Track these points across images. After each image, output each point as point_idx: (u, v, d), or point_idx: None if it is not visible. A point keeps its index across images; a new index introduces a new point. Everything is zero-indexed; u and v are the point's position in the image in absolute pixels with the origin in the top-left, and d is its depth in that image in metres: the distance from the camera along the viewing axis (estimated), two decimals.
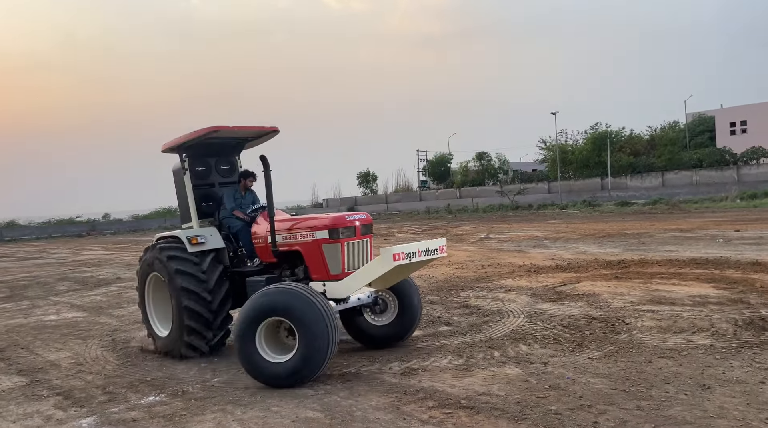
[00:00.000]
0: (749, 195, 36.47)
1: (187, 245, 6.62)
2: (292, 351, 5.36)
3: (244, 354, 5.44)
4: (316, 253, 6.09)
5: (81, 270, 18.49)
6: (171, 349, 6.77)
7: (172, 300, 6.58)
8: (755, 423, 3.96)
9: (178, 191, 7.32)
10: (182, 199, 7.24)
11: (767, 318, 6.62)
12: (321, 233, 6.06)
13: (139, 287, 7.27)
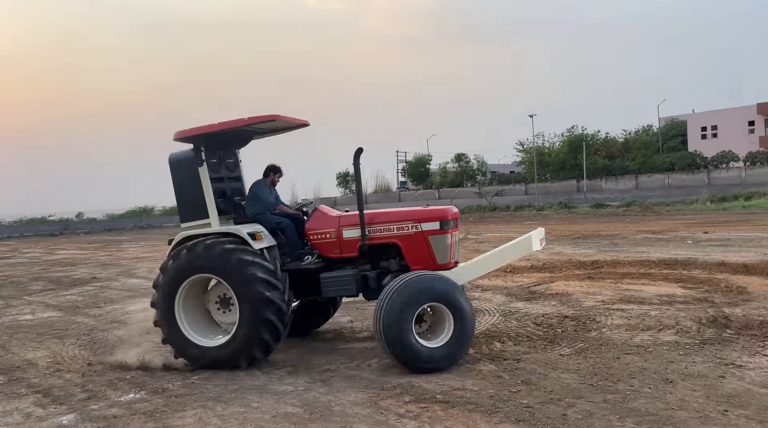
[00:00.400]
0: (719, 198, 37.45)
1: (251, 241, 6.13)
2: (447, 337, 5.57)
3: (401, 341, 5.43)
4: (420, 244, 6.30)
5: (55, 270, 18.26)
6: (228, 359, 6.02)
7: (242, 301, 5.96)
8: (713, 415, 4.19)
9: (179, 185, 6.57)
10: (186, 194, 6.53)
11: (729, 317, 6.91)
12: (429, 225, 6.31)
13: (165, 297, 6.19)
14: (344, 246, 6.45)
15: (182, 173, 6.51)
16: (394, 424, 4.38)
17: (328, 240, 6.50)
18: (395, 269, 6.42)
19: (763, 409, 4.23)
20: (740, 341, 5.96)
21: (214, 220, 6.37)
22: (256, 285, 5.87)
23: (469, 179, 60.14)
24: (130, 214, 56.23)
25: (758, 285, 8.91)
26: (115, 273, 16.39)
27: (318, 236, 6.56)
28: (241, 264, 5.90)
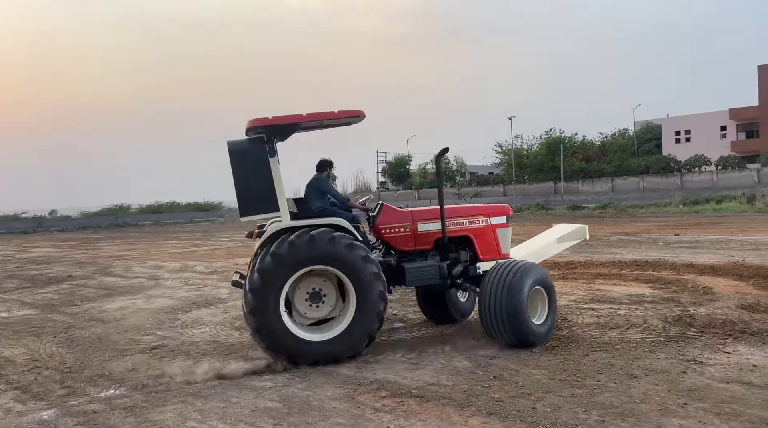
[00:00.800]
0: (691, 201, 38.34)
1: (357, 233, 6.28)
2: (543, 316, 6.30)
3: (519, 320, 5.99)
4: (489, 237, 6.99)
5: (29, 268, 18.04)
6: (335, 353, 5.96)
7: (360, 295, 5.98)
8: (673, 408, 4.42)
9: (240, 176, 6.20)
10: (250, 185, 6.19)
11: (694, 316, 7.18)
12: (498, 219, 7.12)
13: (271, 289, 5.85)
14: (419, 239, 6.83)
15: (245, 163, 6.16)
16: (371, 418, 4.52)
17: (403, 234, 6.81)
18: (465, 260, 6.95)
19: (720, 402, 4.47)
20: (703, 338, 6.23)
21: (284, 214, 6.19)
22: (374, 281, 6.02)
23: (448, 180, 60.55)
24: (105, 211, 55.55)
25: (723, 285, 9.25)
26: (91, 271, 16.27)
27: (391, 230, 6.81)
28: (363, 260, 5.99)
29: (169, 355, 6.76)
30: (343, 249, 5.95)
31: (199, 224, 48.48)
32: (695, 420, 4.17)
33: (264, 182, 6.12)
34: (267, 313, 5.82)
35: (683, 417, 4.22)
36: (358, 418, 4.53)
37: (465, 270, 6.93)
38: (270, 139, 6.17)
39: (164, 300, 10.70)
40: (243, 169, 6.16)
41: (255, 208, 6.20)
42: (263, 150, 6.13)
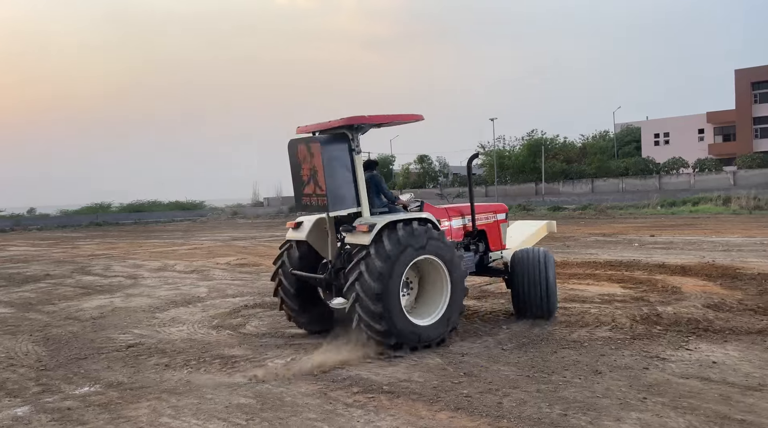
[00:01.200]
0: (669, 202, 38.97)
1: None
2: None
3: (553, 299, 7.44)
4: (496, 230, 8.05)
5: (6, 267, 17.84)
6: (433, 337, 6.35)
7: (454, 284, 6.48)
8: (633, 402, 4.59)
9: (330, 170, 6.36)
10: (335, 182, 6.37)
11: (661, 314, 7.40)
12: (501, 215, 8.22)
13: (394, 277, 6.12)
14: (453, 233, 7.54)
15: (334, 160, 6.36)
16: (342, 413, 4.63)
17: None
18: (482, 250, 7.89)
19: (678, 397, 4.65)
20: (667, 336, 6.43)
21: (365, 209, 6.48)
22: (462, 272, 6.69)
23: (431, 180, 60.84)
24: (85, 210, 54.90)
25: (692, 285, 9.50)
26: (70, 270, 16.14)
27: None
28: (456, 254, 6.67)
29: (146, 353, 6.80)
30: (447, 244, 6.58)
31: (180, 223, 48.09)
32: (653, 413, 4.34)
33: (349, 179, 6.41)
34: (391, 300, 6.07)
35: (641, 411, 4.39)
36: (330, 413, 4.64)
37: (481, 259, 7.89)
38: (355, 136, 6.45)
39: (142, 299, 10.70)
40: (333, 166, 6.33)
41: (343, 203, 6.41)
42: (348, 147, 6.41)
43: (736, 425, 4.10)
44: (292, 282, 7.17)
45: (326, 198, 6.31)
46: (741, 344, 6.05)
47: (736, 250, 14.06)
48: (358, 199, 6.45)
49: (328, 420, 4.49)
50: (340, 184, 6.37)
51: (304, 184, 6.62)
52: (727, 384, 4.90)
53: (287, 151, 6.81)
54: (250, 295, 10.51)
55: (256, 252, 19.21)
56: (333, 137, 6.46)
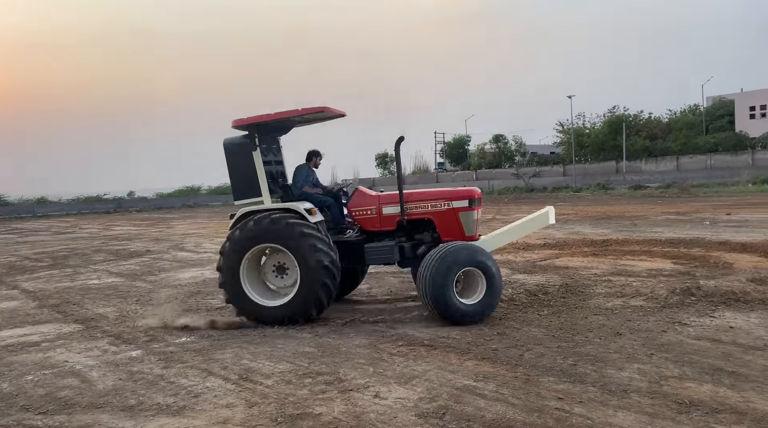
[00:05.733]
0: (762, 179, 36.81)
1: (308, 216, 7.14)
2: (480, 295, 6.61)
3: (444, 300, 6.44)
4: (451, 220, 7.43)
5: (113, 244, 20.10)
6: (287, 316, 7.01)
7: (303, 267, 6.91)
8: (639, 356, 5.19)
9: (233, 166, 7.44)
10: (240, 175, 7.40)
11: (702, 288, 7.74)
12: (459, 202, 7.46)
13: (232, 264, 7.12)
14: (384, 221, 7.56)
15: (236, 156, 7.38)
16: (386, 359, 5.54)
17: (369, 216, 7.61)
18: (428, 241, 7.56)
19: (683, 353, 5.20)
20: (697, 306, 6.85)
21: (266, 198, 7.30)
22: (316, 254, 6.87)
23: (507, 160, 60.32)
24: (178, 193, 58.85)
25: (746, 261, 9.63)
26: (166, 246, 18.05)
27: (360, 212, 7.66)
28: (303, 236, 6.89)
29: (231, 314, 8.00)
30: (283, 228, 6.95)
31: None
32: (653, 365, 4.94)
33: (251, 173, 7.33)
34: (232, 282, 7.17)
35: (644, 363, 5.00)
36: (376, 359, 5.56)
37: (428, 250, 7.23)
38: (252, 135, 7.27)
39: None
40: (235, 162, 7.42)
41: (246, 193, 7.46)
42: (249, 144, 7.29)
43: (725, 376, 4.63)
44: None
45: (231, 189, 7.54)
46: (766, 313, 6.39)
47: None
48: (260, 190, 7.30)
49: (374, 365, 5.41)
50: (242, 177, 7.37)
51: None
52: (734, 345, 5.37)
53: None
54: None
55: None
56: (237, 137, 7.44)
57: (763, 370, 4.73)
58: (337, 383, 4.99)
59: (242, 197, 7.49)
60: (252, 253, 7.20)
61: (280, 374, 5.32)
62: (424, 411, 4.30)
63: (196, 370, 5.57)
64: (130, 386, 5.24)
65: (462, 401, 4.45)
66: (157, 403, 4.78)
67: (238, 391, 4.95)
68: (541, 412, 4.17)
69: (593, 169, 51.52)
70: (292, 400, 4.67)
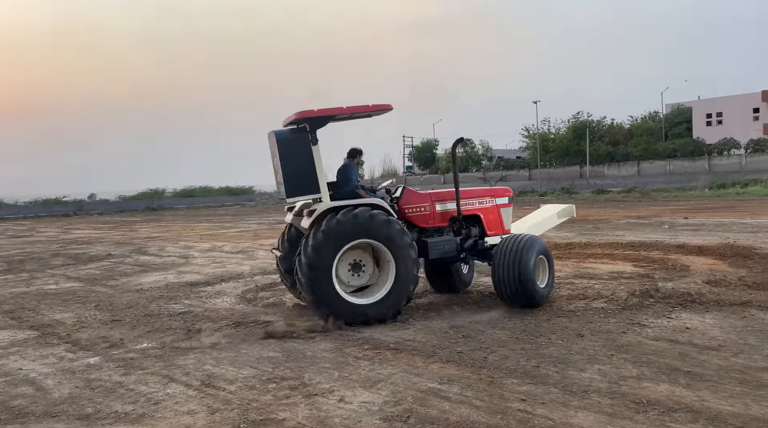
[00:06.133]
0: (717, 184, 38.10)
1: (392, 211, 7.25)
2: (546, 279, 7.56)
3: (531, 285, 7.11)
4: (495, 215, 8.14)
5: (72, 248, 19.54)
6: (380, 313, 6.91)
7: (399, 263, 6.91)
8: (600, 357, 5.29)
9: (288, 161, 7.00)
10: (295, 170, 7.00)
11: (660, 289, 7.94)
12: (501, 199, 8.29)
13: (325, 261, 6.75)
14: (437, 218, 7.84)
15: (292, 151, 6.96)
16: (351, 363, 5.52)
17: (423, 213, 7.79)
18: (475, 235, 8.00)
19: (642, 354, 5.32)
20: (655, 307, 7.03)
21: (325, 195, 7.03)
22: (409, 250, 7.00)
23: (474, 164, 61.00)
24: (141, 195, 57.63)
25: (702, 264, 9.94)
26: (128, 250, 17.64)
27: (413, 210, 7.79)
28: (401, 233, 6.99)
29: (194, 319, 7.86)
30: (381, 224, 6.88)
31: (230, 208, 50.15)
32: (613, 365, 5.05)
33: (308, 167, 6.99)
34: (323, 280, 6.73)
35: (604, 364, 5.10)
36: (341, 364, 5.53)
37: (475, 244, 7.98)
38: (313, 129, 7.02)
39: (192, 276, 11.88)
40: (289, 156, 6.97)
41: (300, 190, 7.03)
42: (307, 138, 6.99)
43: (681, 375, 4.76)
44: (284, 262, 7.99)
45: (283, 185, 7.03)
46: (720, 314, 6.61)
47: (764, 232, 14.20)
48: (319, 186, 6.99)
49: (339, 369, 5.38)
50: (295, 173, 6.97)
51: (275, 172, 7.43)
52: (690, 345, 5.53)
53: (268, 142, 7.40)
54: None
55: None
56: (291, 130, 7.12)
57: (717, 370, 4.88)
58: (302, 388, 4.95)
59: (297, 194, 7.08)
60: (345, 250, 6.92)
61: (244, 379, 5.25)
62: (388, 415, 4.30)
63: (156, 377, 5.46)
64: (87, 394, 5.10)
65: (427, 404, 4.46)
66: (115, 411, 4.66)
67: (200, 397, 4.87)
68: (504, 414, 4.21)
69: (558, 173, 52.55)
70: (255, 406, 4.61)
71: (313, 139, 7.00)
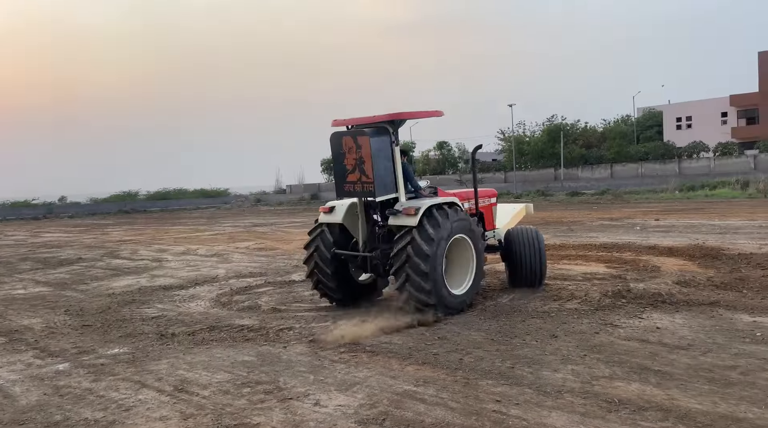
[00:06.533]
0: (687, 187, 38.91)
1: None
2: None
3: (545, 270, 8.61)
4: (490, 212, 9.13)
5: (42, 251, 19.12)
6: (467, 303, 7.46)
7: (478, 258, 7.59)
8: (573, 358, 5.36)
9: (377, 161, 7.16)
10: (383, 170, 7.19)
11: (632, 290, 8.07)
12: (494, 199, 9.35)
13: (440, 253, 7.07)
14: None
15: (381, 151, 7.19)
16: (327, 367, 5.50)
17: None
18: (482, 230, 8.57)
19: (614, 354, 5.40)
20: (627, 308, 7.14)
21: (402, 194, 7.42)
22: (483, 246, 7.83)
23: (450, 166, 61.30)
24: (113, 198, 56.67)
25: (671, 265, 10.13)
26: (100, 254, 17.32)
27: None
28: (478, 230, 7.77)
29: (167, 324, 7.75)
30: (471, 221, 7.68)
31: (205, 210, 49.60)
32: (586, 365, 5.11)
33: (390, 168, 7.28)
34: (437, 274, 7.01)
35: (577, 364, 5.16)
36: (317, 367, 5.50)
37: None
38: (395, 130, 7.31)
39: (166, 279, 11.71)
40: (379, 157, 7.16)
41: (386, 189, 7.31)
42: (391, 139, 7.28)
43: (652, 375, 4.85)
44: (329, 263, 7.85)
45: (373, 185, 7.14)
46: (690, 314, 6.75)
47: (731, 233, 14.53)
48: (396, 185, 7.36)
49: (314, 372, 5.36)
50: (384, 173, 7.22)
51: (348, 172, 7.38)
52: (660, 345, 5.64)
53: (330, 143, 7.53)
54: (262, 276, 11.43)
55: (275, 237, 20.20)
56: (378, 130, 7.28)
57: (686, 369, 4.97)
58: (277, 392, 4.91)
59: (384, 193, 7.32)
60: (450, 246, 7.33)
61: (218, 384, 5.19)
62: (364, 418, 4.29)
63: (128, 382, 5.36)
64: (55, 401, 4.98)
65: (402, 406, 4.46)
66: (85, 418, 4.56)
67: (172, 403, 4.79)
68: (479, 415, 4.23)
69: (533, 175, 53.11)
70: (229, 410, 4.56)
71: (396, 140, 7.31)
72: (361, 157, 7.16)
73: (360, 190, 7.32)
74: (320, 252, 7.92)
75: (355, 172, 7.27)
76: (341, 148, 7.37)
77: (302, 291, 9.40)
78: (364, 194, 7.35)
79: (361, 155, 7.16)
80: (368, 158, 7.08)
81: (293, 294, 9.28)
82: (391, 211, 7.34)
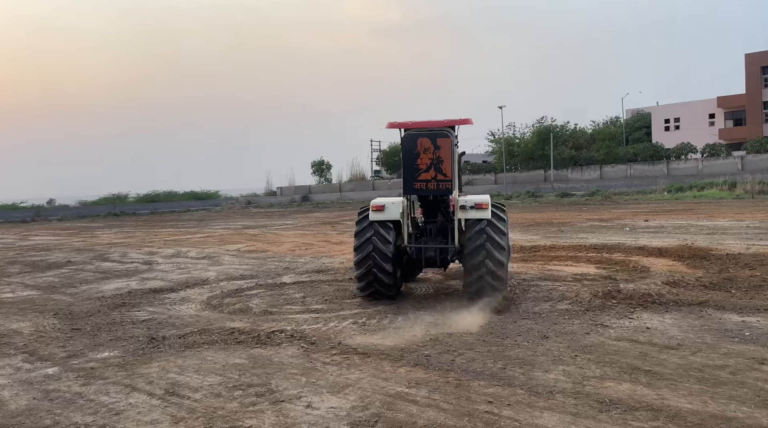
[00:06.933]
0: (675, 188, 39.28)
1: None
2: None
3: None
4: None
5: (30, 255, 18.93)
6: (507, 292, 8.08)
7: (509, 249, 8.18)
8: (564, 358, 5.38)
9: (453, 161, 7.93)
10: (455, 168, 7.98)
11: (622, 291, 8.14)
12: None
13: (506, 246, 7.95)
14: None
15: (454, 152, 7.96)
16: (319, 369, 5.49)
17: None
18: None
19: (604, 354, 5.44)
20: (617, 308, 7.20)
21: (456, 191, 8.01)
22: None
23: None
24: (103, 200, 56.32)
25: (661, 265, 10.21)
26: (89, 257, 17.18)
27: None
28: None
29: (158, 327, 7.70)
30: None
31: (195, 213, 49.36)
32: (577, 366, 5.14)
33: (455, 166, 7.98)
34: (507, 265, 7.92)
35: (569, 365, 5.19)
36: (309, 369, 5.49)
37: None
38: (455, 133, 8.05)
39: (156, 282, 11.63)
40: (453, 156, 7.88)
41: (455, 186, 7.93)
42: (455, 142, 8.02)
43: (642, 374, 4.89)
44: (388, 260, 8.01)
45: (451, 182, 7.80)
46: (679, 314, 6.81)
47: (720, 234, 14.68)
48: (460, 183, 8.21)
49: (306, 374, 5.35)
50: (457, 172, 8.00)
51: (420, 171, 7.87)
52: (650, 345, 5.68)
53: (401, 143, 8.01)
54: (253, 278, 11.40)
55: (265, 239, 20.15)
56: (449, 133, 7.90)
57: (676, 368, 5.02)
58: (269, 394, 4.90)
59: (454, 190, 7.95)
60: None
61: (209, 387, 5.17)
62: (356, 420, 4.29)
63: (118, 386, 5.32)
64: (45, 405, 4.94)
65: (394, 408, 4.47)
66: (75, 423, 4.53)
67: (163, 407, 4.77)
68: (471, 416, 4.25)
69: (523, 177, 53.34)
70: (221, 414, 4.54)
71: (457, 143, 8.12)
72: (440, 157, 7.80)
73: (434, 188, 7.88)
74: (378, 251, 8.02)
75: (431, 170, 7.83)
76: (415, 148, 7.86)
77: (293, 293, 9.38)
78: (439, 191, 7.90)
79: (440, 155, 7.79)
80: (447, 158, 7.75)
81: (284, 297, 9.26)
82: (462, 205, 7.83)
